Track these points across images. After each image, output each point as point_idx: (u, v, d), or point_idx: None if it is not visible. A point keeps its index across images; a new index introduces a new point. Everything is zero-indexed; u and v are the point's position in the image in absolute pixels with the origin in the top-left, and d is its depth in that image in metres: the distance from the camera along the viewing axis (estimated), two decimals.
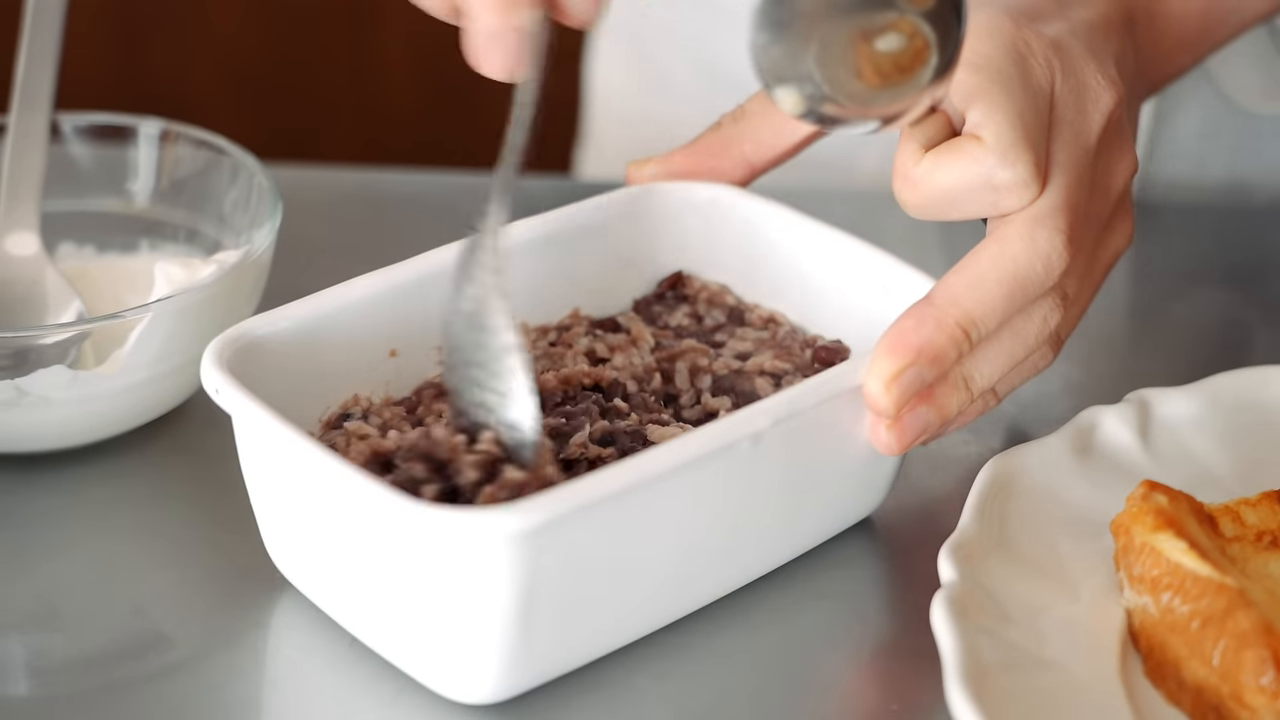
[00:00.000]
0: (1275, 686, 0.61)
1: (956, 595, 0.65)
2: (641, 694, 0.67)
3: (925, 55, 0.64)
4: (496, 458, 0.66)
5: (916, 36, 0.64)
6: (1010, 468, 0.71)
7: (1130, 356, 0.89)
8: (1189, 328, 0.90)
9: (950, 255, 0.95)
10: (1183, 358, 0.86)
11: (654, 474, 0.64)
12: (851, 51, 0.64)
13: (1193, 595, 0.64)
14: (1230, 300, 0.92)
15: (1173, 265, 0.96)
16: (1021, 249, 0.68)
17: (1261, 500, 0.69)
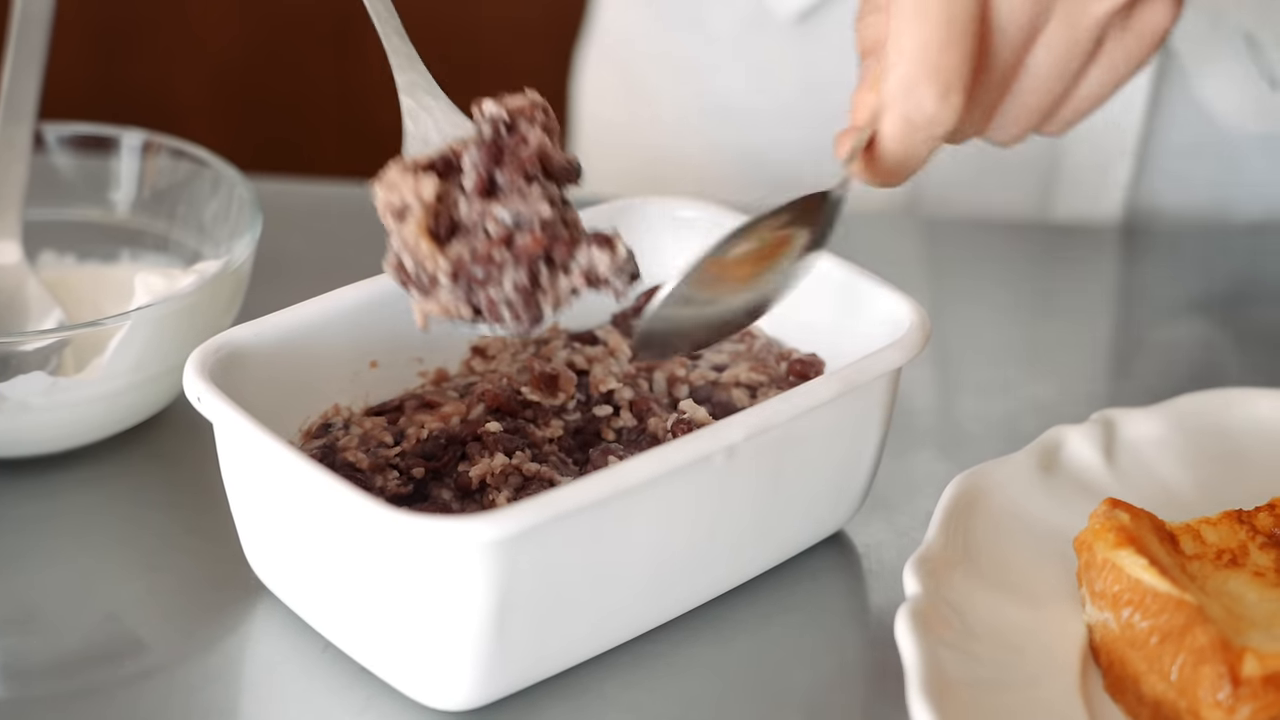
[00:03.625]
0: (1231, 702, 0.63)
1: (920, 609, 0.66)
2: (610, 702, 0.67)
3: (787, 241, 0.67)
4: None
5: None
6: (976, 484, 0.72)
7: (1105, 378, 0.90)
8: (1167, 351, 0.91)
9: (932, 272, 0.97)
10: (1159, 381, 0.87)
11: (629, 485, 0.65)
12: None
13: (1152, 611, 0.65)
14: (1210, 324, 0.94)
15: (1155, 288, 0.97)
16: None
17: (1222, 519, 0.70)
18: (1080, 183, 1.00)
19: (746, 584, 0.72)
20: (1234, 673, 0.63)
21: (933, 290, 0.95)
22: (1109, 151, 0.99)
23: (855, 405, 0.71)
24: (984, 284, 0.95)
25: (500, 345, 0.77)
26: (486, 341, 0.77)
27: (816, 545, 0.75)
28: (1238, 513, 0.70)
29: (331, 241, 0.94)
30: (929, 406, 0.85)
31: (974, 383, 0.87)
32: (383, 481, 0.70)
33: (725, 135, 1.06)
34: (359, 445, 0.72)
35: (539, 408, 0.74)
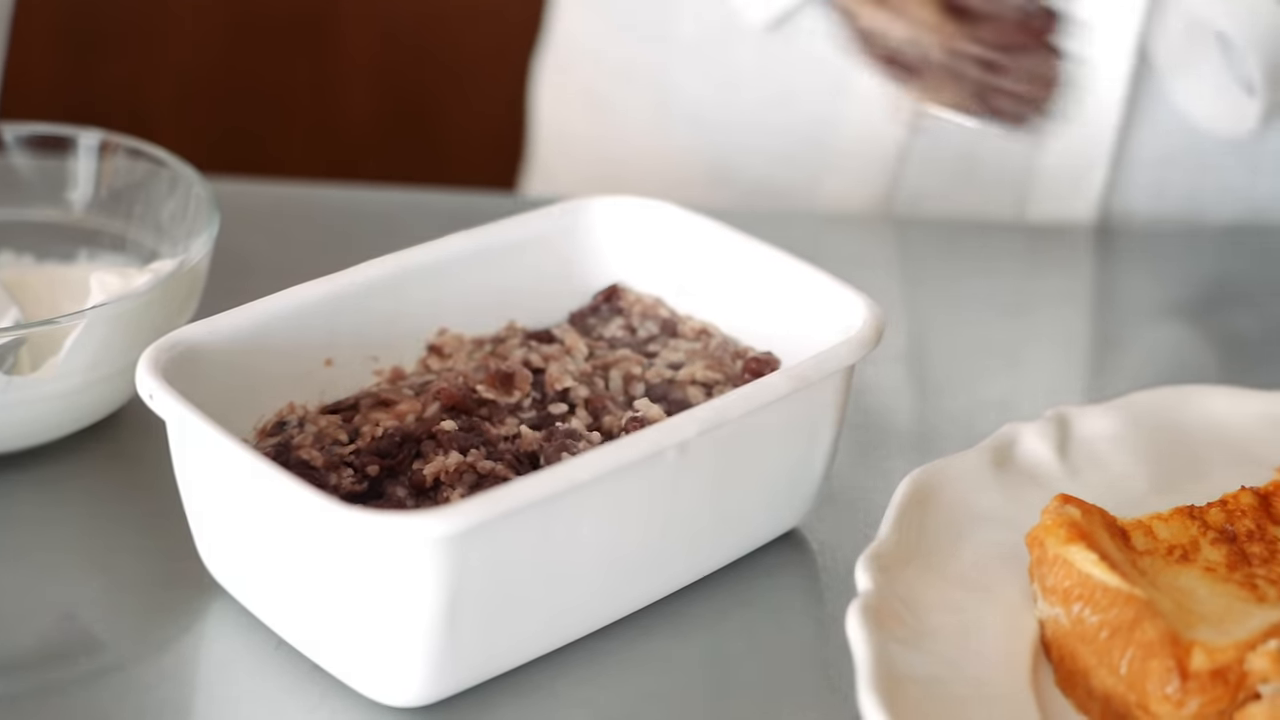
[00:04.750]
0: (1180, 695, 0.63)
1: (872, 605, 0.66)
2: (563, 699, 0.68)
3: None
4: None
5: None
6: (929, 481, 0.72)
7: (1077, 379, 0.90)
8: (1140, 352, 0.91)
9: (907, 274, 0.97)
10: (1129, 381, 0.87)
11: (580, 480, 0.65)
12: None
13: (1102, 606, 0.65)
14: (1183, 325, 0.94)
15: (1128, 290, 0.98)
16: None
17: (1174, 515, 0.70)
18: (1055, 188, 1.01)
19: (701, 580, 0.72)
20: (1182, 666, 0.63)
21: (907, 291, 0.95)
22: (1085, 157, 0.99)
23: (808, 401, 0.71)
24: (957, 284, 0.95)
25: (457, 344, 0.77)
26: (443, 340, 0.77)
27: (772, 542, 0.75)
28: (1190, 509, 0.70)
29: (291, 241, 0.94)
30: (896, 405, 0.86)
31: (942, 382, 0.87)
32: (337, 479, 0.70)
33: (692, 145, 1.06)
34: (314, 443, 0.72)
35: (494, 406, 0.74)
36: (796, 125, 1.03)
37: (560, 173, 1.15)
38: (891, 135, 1.01)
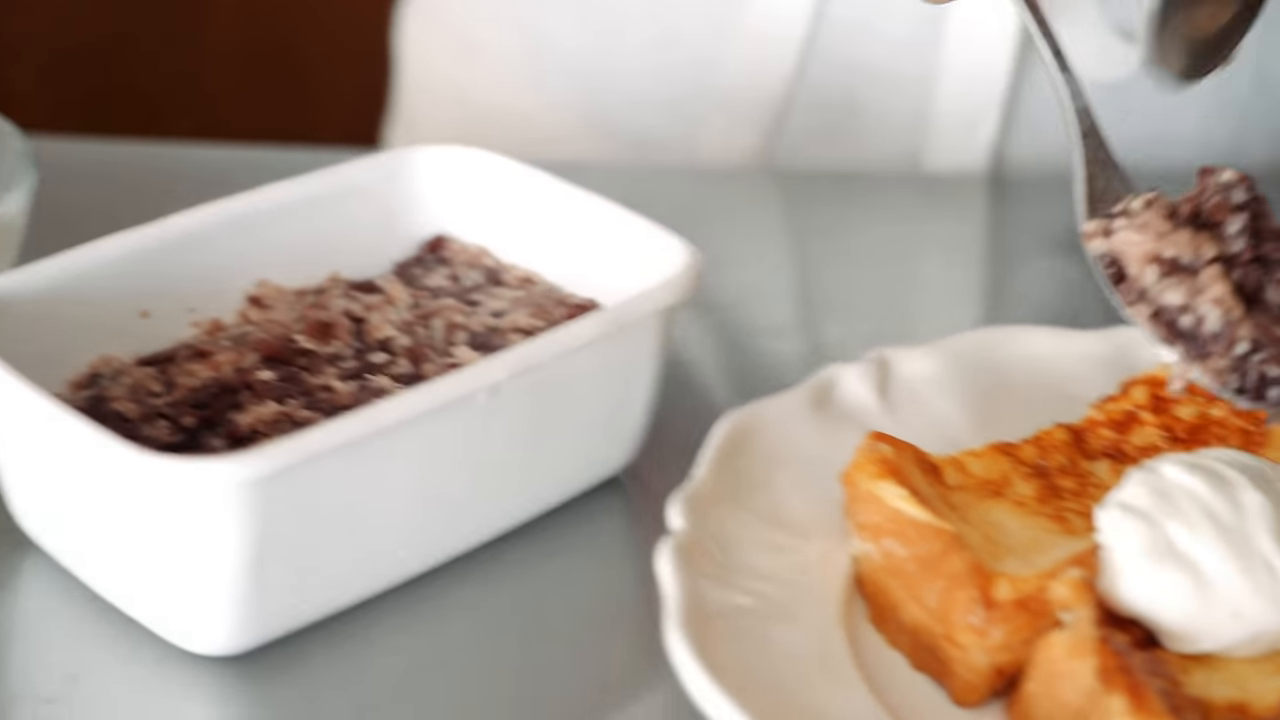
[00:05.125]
0: (984, 625, 0.63)
1: (684, 544, 0.66)
2: (376, 647, 0.67)
3: None
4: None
5: None
6: (747, 422, 0.72)
7: (963, 328, 0.91)
8: (1029, 293, 0.92)
9: (792, 227, 0.98)
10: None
11: (386, 424, 0.65)
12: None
13: (911, 540, 0.66)
14: (1071, 270, 0.94)
15: (1019, 234, 0.98)
16: None
17: (987, 451, 0.70)
18: (948, 135, 1.01)
19: (519, 528, 0.72)
20: (987, 597, 0.64)
21: (795, 242, 0.95)
22: (976, 105, 1.00)
23: (623, 345, 0.71)
24: (847, 234, 0.96)
25: (277, 295, 0.76)
26: (263, 292, 0.76)
27: (594, 488, 0.75)
28: (1003, 445, 0.71)
29: (134, 200, 0.92)
30: (784, 354, 0.85)
31: (830, 334, 0.88)
32: (152, 431, 0.70)
33: (568, 94, 1.05)
34: (128, 395, 0.71)
35: (314, 356, 0.73)
36: (679, 69, 1.02)
37: (425, 124, 1.12)
38: (778, 75, 1.00)
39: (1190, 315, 0.65)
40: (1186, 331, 0.65)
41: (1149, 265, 0.65)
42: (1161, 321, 0.65)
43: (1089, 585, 0.63)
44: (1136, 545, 0.63)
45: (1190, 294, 0.65)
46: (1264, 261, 0.66)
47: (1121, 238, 0.66)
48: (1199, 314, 0.64)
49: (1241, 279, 0.65)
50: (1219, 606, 0.63)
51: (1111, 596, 0.64)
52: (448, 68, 1.10)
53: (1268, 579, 0.63)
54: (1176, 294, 0.65)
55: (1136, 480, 0.65)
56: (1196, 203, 0.67)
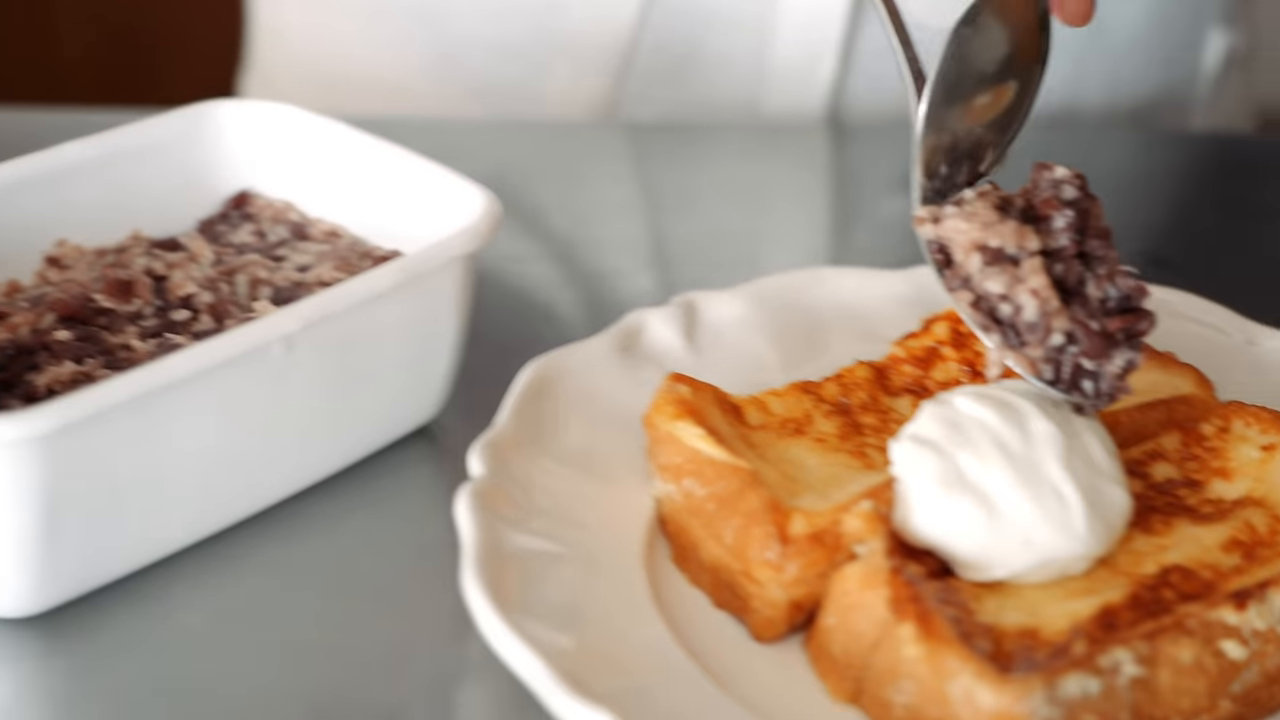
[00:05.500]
0: (780, 560, 0.64)
1: (483, 489, 0.66)
2: (178, 603, 0.67)
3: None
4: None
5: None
6: (552, 367, 0.72)
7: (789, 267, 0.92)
8: (873, 235, 0.93)
9: (638, 175, 0.98)
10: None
11: (175, 378, 0.64)
12: None
13: (709, 479, 0.66)
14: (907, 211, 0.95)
15: (859, 177, 0.99)
16: None
17: (789, 390, 0.71)
18: (787, 78, 1.01)
19: (326, 481, 0.72)
20: (782, 532, 0.64)
21: (641, 191, 0.95)
22: (814, 47, 1.00)
23: (423, 294, 0.71)
24: (691, 181, 0.96)
25: (77, 255, 0.75)
26: (62, 252, 0.75)
27: (404, 439, 0.74)
28: (804, 384, 0.71)
29: None
30: (630, 298, 0.86)
31: (673, 277, 0.88)
32: None
33: (417, 38, 1.04)
34: None
35: (114, 315, 0.72)
36: (521, 14, 1.02)
37: (279, 75, 1.11)
38: (621, 20, 1.00)
39: (1009, 304, 0.65)
40: (1005, 320, 0.66)
41: (974, 253, 0.66)
42: (982, 309, 0.66)
43: (881, 517, 0.64)
44: (928, 476, 0.64)
45: (1011, 283, 0.65)
46: (1088, 258, 0.67)
47: (950, 225, 0.67)
48: (1018, 303, 0.65)
49: (1064, 273, 0.66)
50: (1010, 534, 0.63)
51: (905, 528, 0.64)
52: (299, 16, 1.08)
53: (1057, 506, 0.63)
54: (998, 283, 0.65)
55: (928, 412, 0.66)
56: (1028, 196, 0.68)
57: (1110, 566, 0.65)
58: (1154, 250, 0.94)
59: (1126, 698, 0.60)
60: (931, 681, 0.60)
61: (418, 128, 0.99)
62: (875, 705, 0.62)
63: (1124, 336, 0.66)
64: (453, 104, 1.04)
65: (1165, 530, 0.66)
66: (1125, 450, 0.69)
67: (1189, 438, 0.70)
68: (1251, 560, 0.64)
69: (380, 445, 0.73)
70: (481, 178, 0.94)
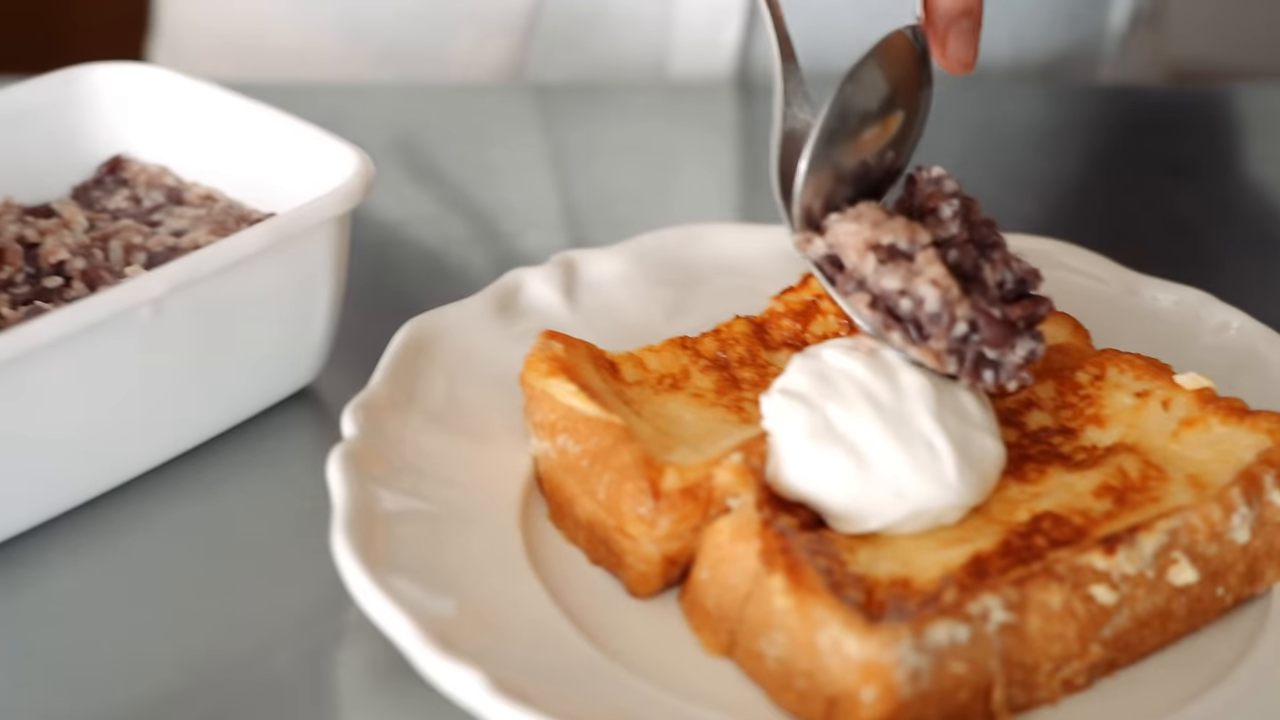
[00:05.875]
0: (652, 515, 0.64)
1: (355, 450, 0.66)
2: (53, 570, 0.66)
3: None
4: None
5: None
6: (429, 327, 0.72)
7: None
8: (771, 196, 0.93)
9: (547, 137, 0.97)
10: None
11: (39, 343, 0.63)
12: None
13: (583, 435, 0.66)
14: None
15: (765, 139, 0.99)
16: None
17: (665, 346, 0.71)
18: (693, 41, 1.01)
19: (205, 445, 0.71)
20: (655, 487, 0.64)
21: (550, 152, 0.95)
22: (719, 9, 1.00)
23: (296, 255, 0.70)
24: (596, 143, 0.96)
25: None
26: None
27: (285, 401, 0.74)
28: (682, 339, 0.71)
29: None
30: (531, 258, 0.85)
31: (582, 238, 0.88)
32: None
33: (324, 4, 1.03)
34: None
35: None
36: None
37: (187, 42, 1.10)
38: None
39: (909, 299, 0.65)
40: (906, 316, 0.66)
41: (867, 253, 0.66)
42: (880, 308, 0.66)
43: (753, 470, 0.64)
44: (798, 429, 0.64)
45: (908, 278, 0.65)
46: (979, 245, 0.67)
47: (840, 229, 0.66)
48: (918, 296, 0.65)
49: (959, 259, 0.66)
50: (881, 486, 0.63)
51: (777, 481, 0.64)
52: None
53: (928, 457, 0.64)
54: (894, 279, 0.65)
55: (797, 365, 0.66)
56: (909, 200, 0.68)
57: (984, 515, 0.65)
58: (1054, 202, 0.95)
59: (996, 644, 0.60)
60: (801, 633, 0.60)
61: (324, 92, 0.99)
62: (748, 658, 0.62)
63: (1025, 325, 0.66)
64: (360, 68, 1.03)
65: (1039, 478, 0.66)
66: (1000, 399, 0.69)
67: (1064, 386, 0.70)
68: (1123, 506, 0.65)
69: (258, 408, 0.73)
70: (388, 140, 0.94)
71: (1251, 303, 0.79)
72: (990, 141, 1.02)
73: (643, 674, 0.61)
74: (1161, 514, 0.64)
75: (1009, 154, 1.01)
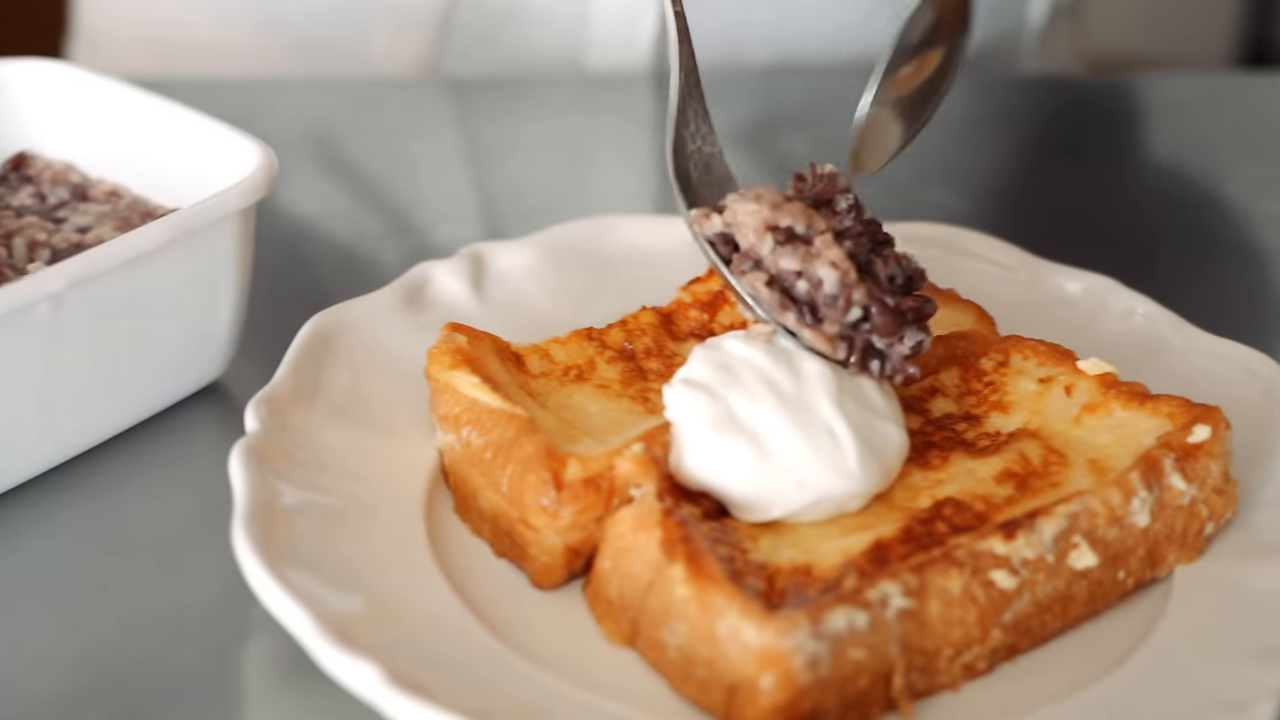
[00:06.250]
0: (555, 506, 0.64)
1: (257, 444, 0.65)
2: None
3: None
4: None
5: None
6: (335, 322, 0.72)
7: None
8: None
9: (463, 131, 0.97)
10: None
11: None
12: None
13: (487, 427, 0.66)
14: (738, 157, 0.94)
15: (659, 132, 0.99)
16: None
17: (572, 338, 0.71)
18: (609, 35, 1.01)
19: (110, 441, 0.71)
20: (557, 478, 0.64)
21: (467, 145, 0.95)
22: (634, 3, 1.00)
23: (198, 250, 0.70)
24: (513, 135, 0.95)
25: None
26: None
27: (191, 398, 0.73)
28: (588, 330, 0.71)
29: None
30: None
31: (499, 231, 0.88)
32: None
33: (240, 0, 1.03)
34: None
35: None
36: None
37: (105, 40, 1.09)
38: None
39: (806, 281, 0.65)
40: (801, 298, 0.66)
41: (766, 234, 0.66)
42: (776, 288, 0.66)
43: (654, 460, 0.64)
44: (699, 418, 0.64)
45: (806, 260, 0.66)
46: (872, 239, 0.67)
47: (738, 208, 0.66)
48: (816, 278, 0.65)
49: (853, 250, 0.66)
50: (782, 474, 0.64)
51: (679, 470, 0.64)
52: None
53: (829, 445, 0.64)
54: (792, 260, 0.66)
55: (699, 355, 0.66)
56: (800, 193, 0.68)
57: (886, 502, 0.65)
58: (973, 192, 0.95)
59: (895, 630, 0.61)
60: (701, 621, 0.60)
61: (241, 88, 0.99)
62: (651, 647, 0.62)
63: (913, 318, 0.66)
64: (277, 63, 1.03)
65: (942, 465, 0.67)
66: (904, 387, 0.69)
67: (968, 373, 0.71)
68: (1024, 491, 0.65)
69: (164, 405, 0.72)
70: (304, 135, 0.94)
71: (1164, 289, 0.80)
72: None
73: (545, 665, 0.61)
74: (1061, 499, 0.64)
75: (928, 145, 1.01)
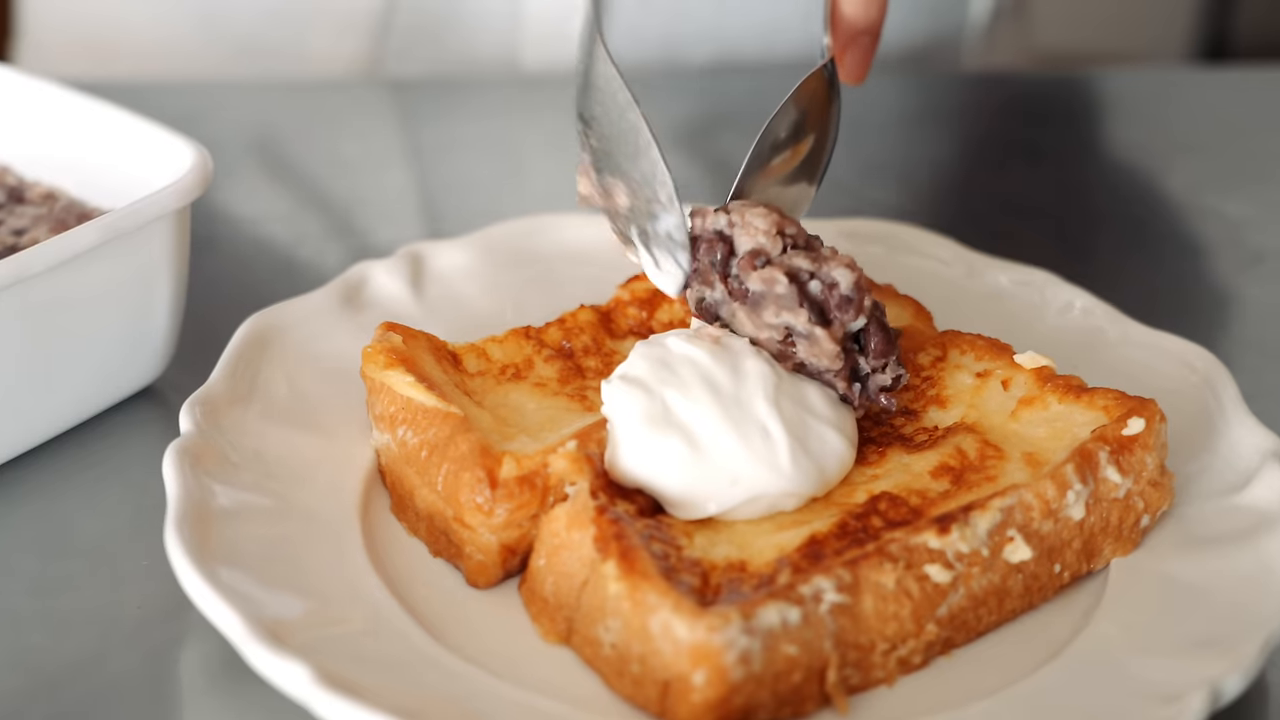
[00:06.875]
0: (490, 504, 0.63)
1: (191, 446, 0.65)
2: None
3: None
4: None
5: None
6: (271, 323, 0.72)
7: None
8: None
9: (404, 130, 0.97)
10: None
11: None
12: None
13: (422, 426, 0.66)
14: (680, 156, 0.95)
15: None
16: None
17: (509, 337, 0.71)
18: (542, 35, 1.01)
19: (45, 445, 0.70)
20: (492, 476, 0.64)
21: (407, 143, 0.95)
22: (566, 4, 1.00)
23: (131, 252, 0.69)
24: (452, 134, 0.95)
25: None
26: None
27: (127, 400, 0.73)
28: (526, 329, 0.71)
29: None
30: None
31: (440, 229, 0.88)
32: None
33: (182, 2, 1.03)
34: None
35: None
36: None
37: (49, 42, 1.09)
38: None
39: (818, 281, 0.66)
40: (815, 296, 0.66)
41: (777, 236, 0.67)
42: (795, 283, 0.66)
43: (588, 458, 0.64)
44: (635, 415, 0.64)
45: (817, 262, 0.66)
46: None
47: (748, 211, 0.67)
48: (831, 278, 0.66)
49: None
50: (716, 472, 0.64)
51: (614, 467, 0.64)
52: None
53: (761, 443, 0.64)
54: (805, 260, 0.66)
55: (639, 352, 0.66)
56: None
57: (823, 498, 0.65)
58: (916, 189, 0.96)
59: (829, 625, 0.61)
60: (634, 618, 0.60)
61: (182, 90, 0.98)
62: (586, 645, 0.62)
63: (896, 354, 0.67)
64: (218, 65, 1.03)
65: (879, 460, 0.67)
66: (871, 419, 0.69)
67: (906, 368, 0.71)
68: (960, 485, 0.65)
69: (100, 407, 0.72)
70: (245, 137, 0.94)
71: (1104, 282, 0.80)
72: (853, 131, 1.02)
73: (479, 663, 0.61)
74: (997, 493, 0.64)
75: (872, 143, 1.01)
